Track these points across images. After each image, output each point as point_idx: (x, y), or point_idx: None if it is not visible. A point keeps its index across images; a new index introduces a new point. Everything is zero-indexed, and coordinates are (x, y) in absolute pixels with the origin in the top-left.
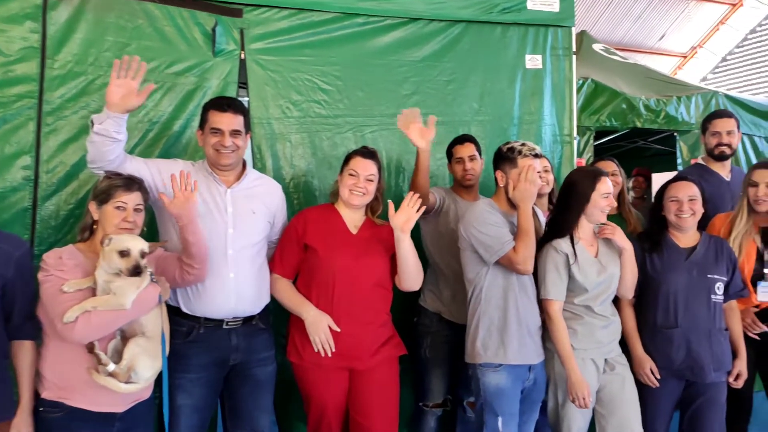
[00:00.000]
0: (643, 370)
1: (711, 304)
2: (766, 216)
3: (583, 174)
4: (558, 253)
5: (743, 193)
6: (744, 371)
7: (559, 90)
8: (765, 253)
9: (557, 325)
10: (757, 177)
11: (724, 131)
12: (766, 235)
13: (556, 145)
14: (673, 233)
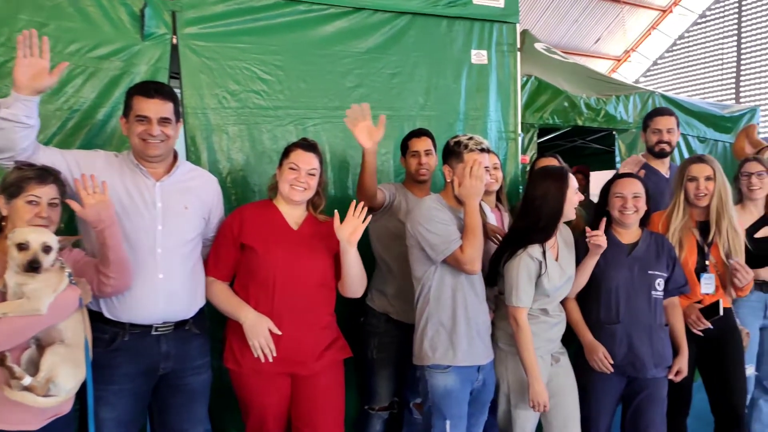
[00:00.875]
0: (596, 356)
1: (651, 300)
2: (702, 210)
3: (551, 174)
4: (532, 260)
5: (678, 188)
6: (684, 368)
7: (504, 86)
8: (705, 247)
9: (525, 333)
10: (696, 172)
11: (664, 129)
12: (704, 229)
13: (501, 141)
14: (616, 229)
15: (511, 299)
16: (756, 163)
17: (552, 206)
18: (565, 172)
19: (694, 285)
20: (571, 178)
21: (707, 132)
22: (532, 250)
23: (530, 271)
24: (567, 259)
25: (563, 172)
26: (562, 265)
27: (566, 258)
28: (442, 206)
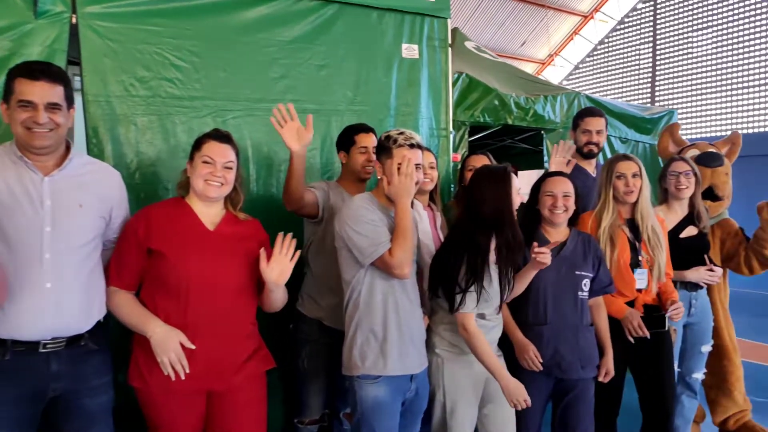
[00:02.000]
0: (527, 354)
1: (578, 301)
2: (629, 208)
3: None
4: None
5: (607, 186)
6: (611, 368)
7: (435, 82)
8: (636, 243)
9: (478, 338)
10: (623, 169)
11: (594, 130)
12: (632, 226)
13: (433, 138)
14: (545, 228)
15: (460, 305)
16: (683, 163)
17: (497, 207)
18: (509, 172)
19: (630, 281)
20: (514, 179)
21: (629, 133)
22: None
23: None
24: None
25: (506, 172)
26: (499, 267)
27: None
28: (373, 205)
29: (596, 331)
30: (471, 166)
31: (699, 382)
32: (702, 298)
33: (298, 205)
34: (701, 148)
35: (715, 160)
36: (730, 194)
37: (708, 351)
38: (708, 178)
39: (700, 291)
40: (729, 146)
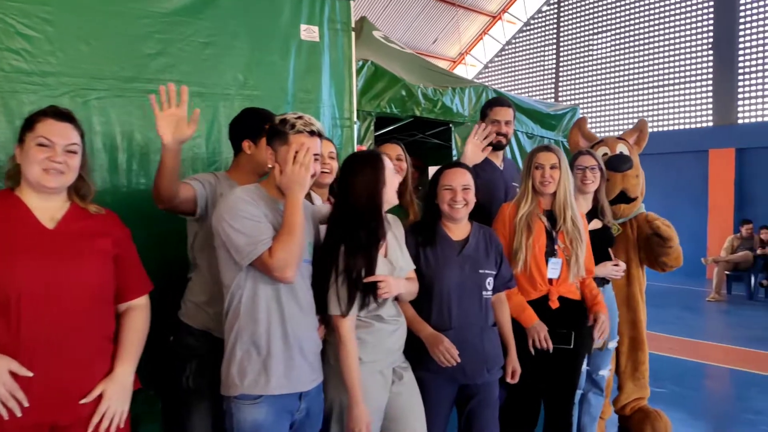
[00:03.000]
0: (439, 347)
1: (482, 301)
2: (549, 199)
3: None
4: None
5: (526, 176)
6: (516, 367)
7: (338, 68)
8: (553, 232)
9: (348, 346)
10: (542, 159)
11: (503, 120)
12: (551, 218)
13: (336, 128)
14: (446, 224)
15: (330, 305)
16: (590, 157)
17: (370, 192)
18: (378, 154)
19: (543, 269)
20: (386, 160)
21: (535, 129)
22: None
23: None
24: (398, 255)
25: (376, 154)
26: (392, 260)
27: (397, 253)
28: (257, 198)
29: (499, 329)
30: (384, 154)
31: (605, 379)
32: (608, 293)
33: (170, 204)
34: (610, 143)
35: (625, 163)
36: (643, 191)
37: (614, 347)
38: (619, 182)
39: (607, 286)
40: (637, 134)
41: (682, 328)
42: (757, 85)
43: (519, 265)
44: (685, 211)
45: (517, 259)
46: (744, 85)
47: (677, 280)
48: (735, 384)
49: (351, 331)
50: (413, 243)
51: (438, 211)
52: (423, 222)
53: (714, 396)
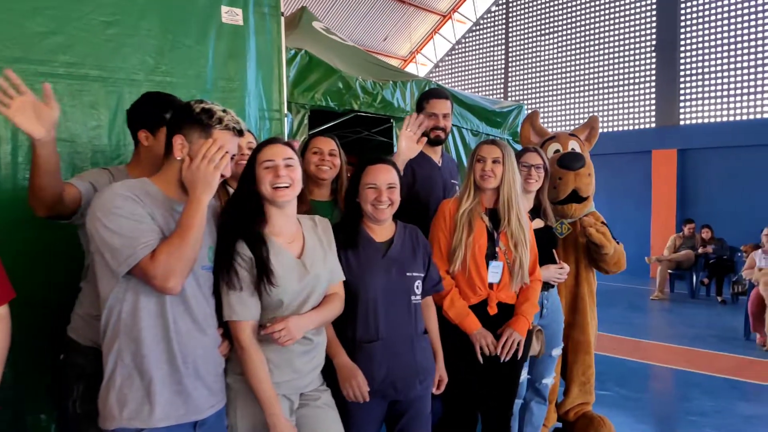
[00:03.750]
0: (352, 382)
1: (411, 307)
2: (492, 194)
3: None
4: (240, 257)
5: (469, 170)
6: (444, 375)
7: (266, 55)
8: (495, 233)
9: (251, 355)
10: (484, 152)
11: (441, 113)
12: (493, 216)
13: (263, 120)
14: (369, 225)
15: (224, 310)
16: (536, 155)
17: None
18: (259, 145)
19: (483, 272)
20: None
21: (480, 126)
22: (241, 245)
23: (242, 273)
24: (317, 260)
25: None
26: (307, 264)
27: (317, 255)
28: (141, 194)
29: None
30: (316, 149)
31: (548, 388)
32: (553, 297)
33: (53, 211)
34: (562, 140)
35: (578, 161)
36: (593, 190)
37: (558, 355)
38: (572, 181)
39: (552, 290)
40: (588, 131)
41: (626, 328)
42: (699, 87)
43: (457, 264)
44: (629, 211)
45: (456, 257)
46: (685, 87)
47: (622, 279)
48: (678, 384)
49: (252, 336)
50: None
51: (360, 210)
52: (343, 223)
53: (658, 398)
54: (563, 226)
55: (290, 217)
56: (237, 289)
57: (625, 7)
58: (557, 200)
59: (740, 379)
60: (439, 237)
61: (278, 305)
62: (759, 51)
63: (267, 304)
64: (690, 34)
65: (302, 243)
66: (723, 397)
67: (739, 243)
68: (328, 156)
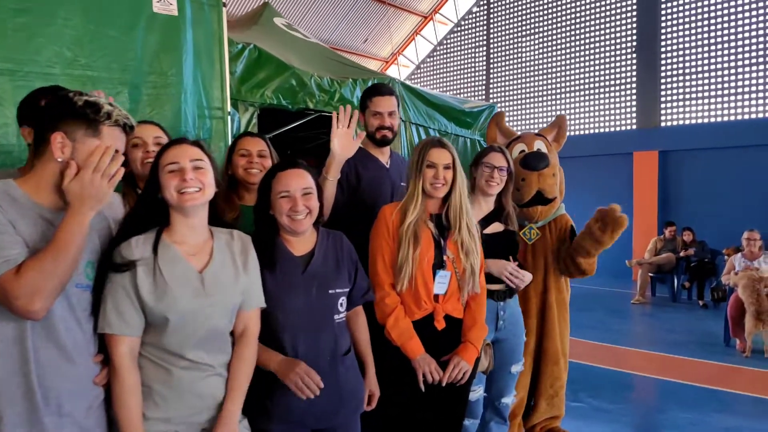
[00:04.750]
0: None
1: (335, 327)
2: (437, 202)
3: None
4: (122, 260)
5: (417, 175)
6: (374, 389)
7: (205, 49)
8: (441, 240)
9: (122, 377)
10: (435, 158)
11: (386, 112)
12: (439, 222)
13: (203, 119)
14: (286, 237)
15: (99, 321)
16: (501, 156)
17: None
18: (163, 147)
19: (428, 285)
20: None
21: (449, 126)
22: (127, 247)
23: (123, 280)
24: (224, 276)
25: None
26: (207, 280)
27: (224, 273)
28: (6, 200)
29: (355, 347)
30: (243, 150)
31: (509, 407)
32: (511, 309)
33: None
34: (528, 140)
35: (541, 160)
36: (561, 191)
37: (519, 371)
38: (535, 182)
39: (509, 301)
40: (556, 131)
41: (603, 334)
42: (679, 88)
43: (404, 283)
44: None
45: (403, 275)
46: (667, 88)
47: (604, 282)
48: (654, 394)
49: (127, 356)
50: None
51: (274, 224)
52: (257, 239)
53: (632, 409)
54: (532, 231)
55: (197, 227)
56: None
57: (606, 9)
58: (522, 202)
59: (717, 389)
60: (382, 247)
61: (162, 324)
62: (740, 52)
63: (151, 321)
64: (671, 35)
65: (209, 257)
66: (699, 408)
67: (721, 246)
68: (257, 158)
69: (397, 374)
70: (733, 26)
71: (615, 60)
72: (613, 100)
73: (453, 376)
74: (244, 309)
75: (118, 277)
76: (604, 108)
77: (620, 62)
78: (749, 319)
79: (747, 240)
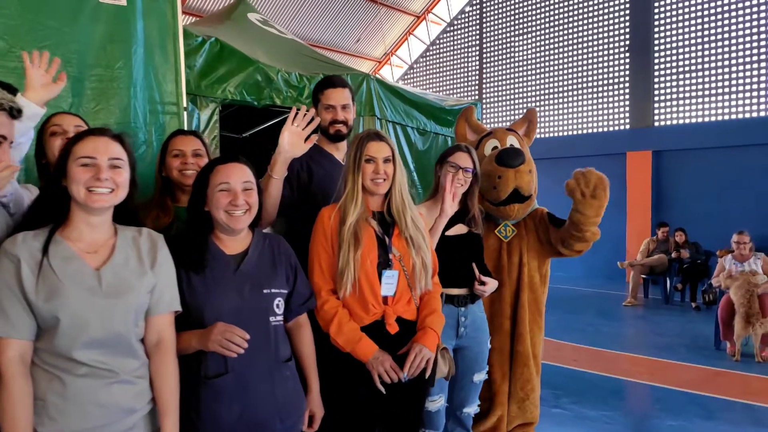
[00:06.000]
0: (213, 336)
1: (270, 330)
2: (379, 199)
3: None
4: (10, 259)
5: (355, 171)
6: (317, 409)
7: (158, 42)
8: (386, 238)
9: (9, 385)
10: (373, 152)
11: (339, 105)
12: (383, 219)
13: (155, 115)
14: (219, 236)
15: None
16: (467, 157)
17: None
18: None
19: (374, 287)
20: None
21: (428, 124)
22: (12, 244)
23: (7, 278)
24: (127, 274)
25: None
26: (105, 277)
27: (127, 271)
28: None
29: (299, 361)
30: (177, 150)
31: (471, 417)
32: (473, 315)
33: None
34: (499, 135)
35: (517, 157)
36: (536, 188)
37: (482, 380)
38: (512, 179)
39: (472, 307)
40: (526, 125)
41: (592, 337)
42: (673, 87)
43: (347, 288)
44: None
45: (345, 279)
46: (660, 88)
47: (596, 284)
48: (639, 400)
49: (15, 362)
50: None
51: (207, 221)
52: (186, 237)
53: (616, 416)
54: (507, 228)
55: (99, 225)
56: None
57: (599, 8)
58: (498, 201)
59: (704, 394)
60: (319, 253)
61: (53, 326)
62: (734, 51)
63: (42, 323)
64: (664, 34)
65: (109, 255)
66: (684, 414)
67: (716, 247)
68: (191, 157)
69: (344, 380)
70: (726, 26)
71: (608, 60)
72: (606, 100)
73: (415, 367)
74: (153, 313)
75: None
76: (597, 108)
77: (613, 61)
78: (738, 321)
79: (736, 243)
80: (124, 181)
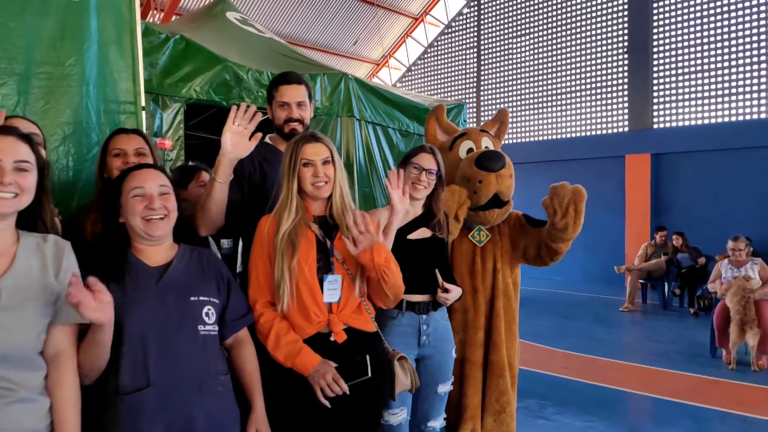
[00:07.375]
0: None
1: (199, 339)
2: (323, 202)
3: None
4: None
5: (291, 176)
6: (261, 427)
7: (114, 38)
8: (327, 241)
9: None
10: (311, 154)
11: (294, 102)
12: (324, 223)
13: (111, 114)
14: (138, 247)
15: None
16: (431, 158)
17: None
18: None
19: (315, 294)
20: None
21: (411, 125)
22: None
23: None
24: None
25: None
26: (7, 288)
27: (29, 281)
28: None
29: (241, 378)
30: (117, 150)
31: (438, 431)
32: (436, 323)
33: None
34: (474, 136)
35: (498, 160)
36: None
37: (447, 391)
38: (494, 184)
39: (434, 314)
40: (498, 125)
41: (585, 343)
42: (672, 89)
43: (284, 301)
44: (602, 218)
45: (282, 292)
46: (659, 90)
47: (594, 289)
48: (629, 410)
49: None
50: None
51: (124, 232)
52: (100, 248)
53: (603, 427)
54: (481, 233)
55: (0, 232)
56: None
57: (597, 10)
58: (478, 206)
59: (696, 404)
60: (256, 264)
61: None
62: (733, 53)
63: None
64: (662, 36)
65: (9, 264)
66: (674, 425)
67: (715, 251)
68: (133, 157)
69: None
70: (725, 27)
71: (606, 61)
72: (605, 102)
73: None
74: (59, 320)
75: None
76: (596, 110)
77: (611, 63)
78: (734, 328)
79: (731, 250)
80: (29, 185)
